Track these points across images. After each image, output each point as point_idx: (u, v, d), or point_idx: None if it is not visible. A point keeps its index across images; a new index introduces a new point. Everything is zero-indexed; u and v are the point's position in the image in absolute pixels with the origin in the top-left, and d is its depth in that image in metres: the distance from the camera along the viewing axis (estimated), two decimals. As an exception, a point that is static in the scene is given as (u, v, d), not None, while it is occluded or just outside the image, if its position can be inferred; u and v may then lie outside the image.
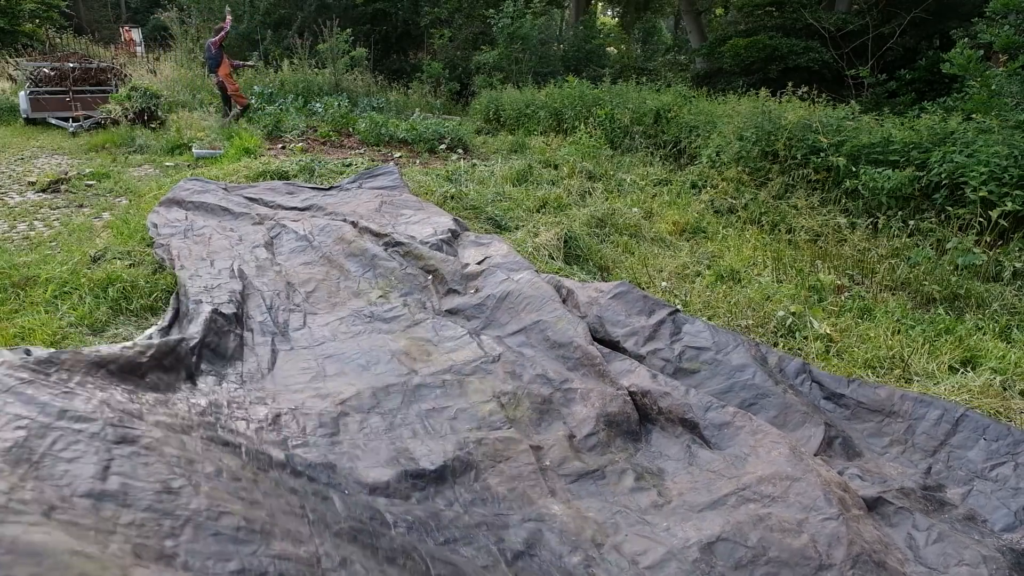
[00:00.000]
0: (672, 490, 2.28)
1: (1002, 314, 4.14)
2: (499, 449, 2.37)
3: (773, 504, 2.09)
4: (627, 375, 2.97)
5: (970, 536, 2.11)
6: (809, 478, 2.14)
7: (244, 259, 4.21)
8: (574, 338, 3.18)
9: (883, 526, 2.10)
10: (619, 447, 2.52)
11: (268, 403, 2.48)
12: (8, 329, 3.32)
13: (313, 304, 3.72)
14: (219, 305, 3.23)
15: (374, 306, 3.69)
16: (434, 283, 3.97)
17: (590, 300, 3.69)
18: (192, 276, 3.79)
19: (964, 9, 11.27)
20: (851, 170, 6.07)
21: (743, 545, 1.89)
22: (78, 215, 5.66)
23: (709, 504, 2.16)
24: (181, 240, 4.63)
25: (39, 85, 10.79)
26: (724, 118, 8.07)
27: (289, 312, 3.55)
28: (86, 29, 24.65)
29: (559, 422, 2.62)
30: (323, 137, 9.72)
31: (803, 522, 1.99)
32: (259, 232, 4.81)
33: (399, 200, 5.75)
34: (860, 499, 2.17)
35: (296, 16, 17.36)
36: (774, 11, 14.35)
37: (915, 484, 2.35)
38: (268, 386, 2.73)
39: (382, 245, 4.46)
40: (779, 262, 4.95)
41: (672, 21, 27.98)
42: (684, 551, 1.87)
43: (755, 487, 2.19)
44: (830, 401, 3.01)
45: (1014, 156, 5.10)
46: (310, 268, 4.24)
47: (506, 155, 9.27)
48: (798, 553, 1.87)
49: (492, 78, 14.64)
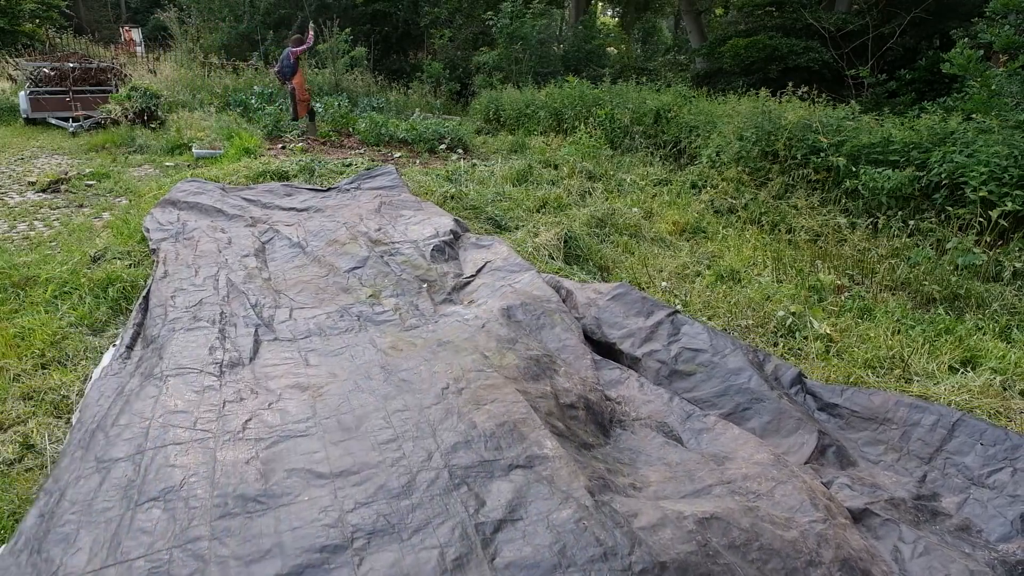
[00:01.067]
0: (650, 477, 2.25)
1: (1002, 314, 4.14)
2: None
3: (759, 500, 2.07)
4: (616, 386, 2.97)
5: (960, 549, 2.06)
6: (794, 482, 2.13)
7: (233, 268, 4.11)
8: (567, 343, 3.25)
9: (869, 538, 2.06)
10: (593, 432, 2.54)
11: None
12: (8, 329, 3.31)
13: (301, 307, 3.70)
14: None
15: (363, 305, 3.66)
16: (429, 292, 3.93)
17: (588, 301, 3.68)
18: (175, 292, 3.69)
19: (964, 9, 11.27)
20: (851, 170, 6.06)
21: (736, 527, 1.85)
22: (78, 215, 5.65)
23: (693, 492, 2.14)
24: (171, 244, 4.59)
25: (39, 85, 10.79)
26: (724, 118, 8.06)
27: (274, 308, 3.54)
28: (86, 29, 24.64)
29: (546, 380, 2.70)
30: (323, 137, 9.71)
31: (791, 520, 1.97)
32: (251, 238, 4.77)
33: (398, 200, 5.74)
34: (846, 510, 2.14)
35: (296, 16, 17.36)
36: (774, 11, 14.35)
37: (907, 493, 2.32)
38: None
39: (378, 252, 4.41)
40: (779, 262, 4.95)
41: (672, 21, 27.97)
42: (680, 520, 1.82)
43: (740, 482, 2.17)
44: (824, 412, 2.98)
45: (1014, 156, 5.09)
46: (301, 272, 4.21)
47: (506, 155, 9.27)
48: (789, 544, 1.85)
49: (492, 78, 14.64)
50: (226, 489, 1.93)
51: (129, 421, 2.27)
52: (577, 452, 2.23)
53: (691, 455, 2.40)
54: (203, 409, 2.38)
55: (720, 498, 2.06)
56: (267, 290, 3.78)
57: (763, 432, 2.67)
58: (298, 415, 2.35)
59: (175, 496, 1.91)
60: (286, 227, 5.02)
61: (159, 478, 1.98)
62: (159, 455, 2.09)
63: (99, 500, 1.91)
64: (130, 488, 1.95)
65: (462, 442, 2.10)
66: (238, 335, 3.09)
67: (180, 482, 1.96)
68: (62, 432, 2.58)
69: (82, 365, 3.08)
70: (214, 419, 2.32)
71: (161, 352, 2.86)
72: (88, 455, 2.12)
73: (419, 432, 2.18)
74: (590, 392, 2.72)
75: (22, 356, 3.11)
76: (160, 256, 4.32)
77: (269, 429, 2.26)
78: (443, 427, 2.19)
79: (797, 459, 2.44)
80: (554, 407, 2.45)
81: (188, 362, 2.73)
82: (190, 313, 3.36)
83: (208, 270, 4.05)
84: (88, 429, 2.30)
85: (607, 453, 2.41)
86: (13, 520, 2.09)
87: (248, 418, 2.33)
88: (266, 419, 2.33)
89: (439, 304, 3.77)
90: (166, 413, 2.33)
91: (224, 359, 2.81)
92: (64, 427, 2.62)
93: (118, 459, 2.08)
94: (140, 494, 1.92)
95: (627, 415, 2.73)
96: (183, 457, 2.09)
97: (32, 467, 2.39)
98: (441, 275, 4.12)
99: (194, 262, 4.19)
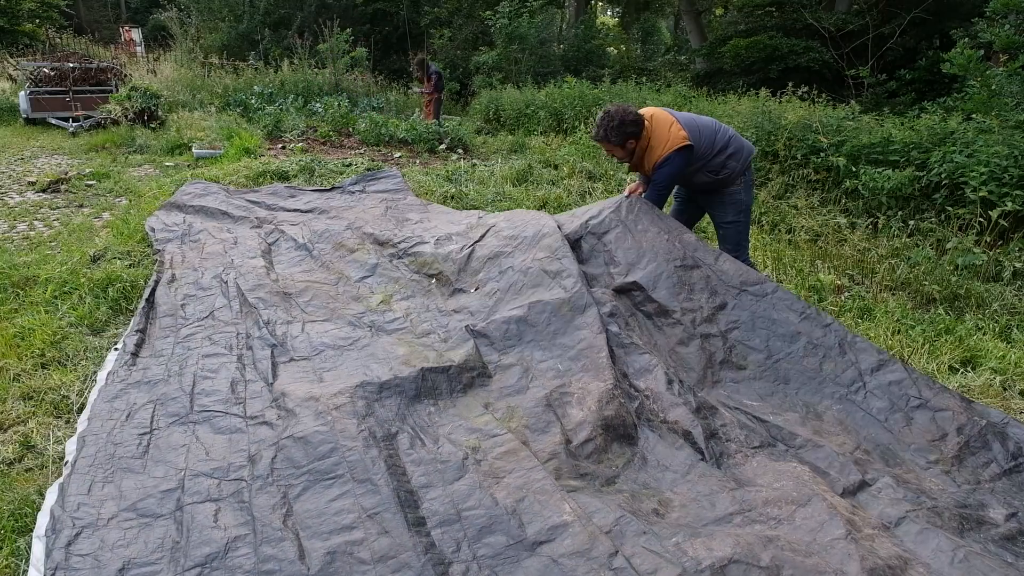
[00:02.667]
0: (673, 501, 2.24)
1: (1002, 314, 4.14)
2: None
3: (780, 526, 2.06)
4: (644, 375, 2.86)
5: (1002, 559, 2.03)
6: (815, 503, 2.10)
7: (240, 271, 4.09)
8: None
9: (906, 544, 2.04)
10: (616, 453, 2.50)
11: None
12: (8, 329, 3.32)
13: (310, 313, 3.67)
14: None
15: (375, 314, 3.61)
16: (438, 286, 3.90)
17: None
18: (185, 300, 3.67)
19: (964, 9, 11.27)
20: (851, 170, 6.06)
21: (756, 567, 1.84)
22: (78, 215, 5.66)
23: (714, 520, 2.12)
24: (177, 246, 4.60)
25: (39, 85, 10.79)
26: (724, 118, 8.06)
27: (288, 324, 3.47)
28: (86, 29, 24.64)
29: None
30: (323, 137, 9.71)
31: (812, 543, 1.96)
32: (257, 239, 4.77)
33: (404, 204, 5.72)
34: (877, 519, 2.12)
35: (296, 16, 17.37)
36: (774, 11, 14.36)
37: (952, 500, 2.26)
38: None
39: (387, 256, 4.38)
40: (779, 262, 4.95)
41: (672, 21, 27.98)
42: (698, 572, 1.82)
43: (761, 508, 2.15)
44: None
45: (1014, 156, 5.09)
46: (309, 275, 4.19)
47: (506, 155, 9.27)
48: (812, 569, 1.85)
49: (492, 78, 14.65)
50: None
51: (165, 473, 2.25)
52: (597, 493, 2.23)
53: (713, 480, 2.36)
54: (234, 453, 2.38)
55: (740, 529, 2.06)
56: (277, 297, 3.75)
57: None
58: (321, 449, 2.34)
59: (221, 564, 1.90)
60: (291, 227, 5.04)
61: (203, 540, 1.97)
62: (199, 512, 2.08)
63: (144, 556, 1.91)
64: (176, 551, 1.93)
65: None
66: (256, 359, 3.05)
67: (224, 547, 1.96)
68: (62, 432, 2.58)
69: (82, 365, 3.08)
70: (245, 464, 2.32)
71: (180, 381, 2.84)
72: (122, 504, 2.11)
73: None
74: (607, 404, 2.63)
75: (22, 356, 3.11)
76: (166, 258, 4.32)
77: (296, 468, 2.27)
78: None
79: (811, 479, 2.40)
80: (565, 462, 2.40)
81: (211, 403, 2.69)
82: (204, 330, 3.33)
83: (214, 271, 4.06)
84: (111, 467, 2.28)
85: (631, 476, 2.39)
86: (13, 520, 2.09)
87: (274, 456, 2.33)
88: (293, 455, 2.32)
89: (448, 298, 3.74)
90: (198, 462, 2.32)
91: (246, 394, 2.76)
92: (64, 427, 2.62)
93: (160, 515, 2.08)
94: (186, 558, 1.91)
95: (655, 414, 2.68)
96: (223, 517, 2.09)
97: (32, 467, 2.39)
98: (445, 259, 4.04)
99: (200, 265, 4.19)
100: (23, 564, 1.93)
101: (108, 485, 2.18)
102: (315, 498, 2.13)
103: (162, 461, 2.32)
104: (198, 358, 3.04)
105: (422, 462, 2.32)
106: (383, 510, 2.06)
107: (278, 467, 2.27)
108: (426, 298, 3.79)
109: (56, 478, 2.26)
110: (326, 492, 2.15)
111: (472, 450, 2.41)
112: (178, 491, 2.16)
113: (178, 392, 2.75)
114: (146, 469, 2.27)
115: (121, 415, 2.58)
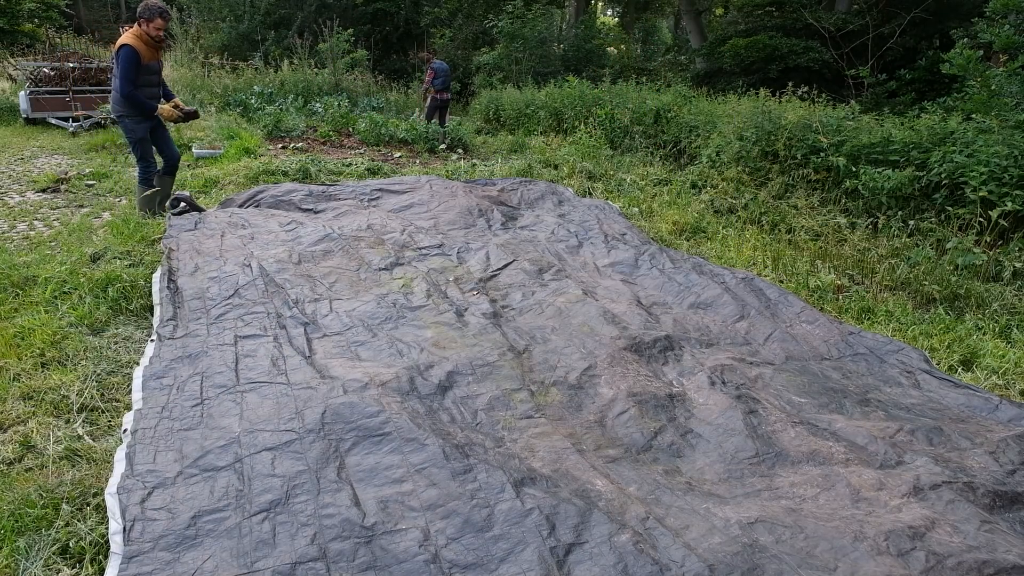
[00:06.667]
0: (705, 475, 2.42)
1: (1002, 314, 4.14)
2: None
3: (804, 503, 2.21)
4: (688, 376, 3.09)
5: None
6: (838, 487, 2.24)
7: (262, 258, 4.18)
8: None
9: (936, 508, 2.13)
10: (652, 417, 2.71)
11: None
12: (8, 329, 3.32)
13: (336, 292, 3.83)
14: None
15: (398, 295, 3.78)
16: (456, 283, 4.07)
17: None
18: (209, 284, 3.76)
19: (964, 9, 11.28)
20: (851, 170, 6.06)
21: (781, 524, 2.01)
22: (78, 215, 5.66)
23: (744, 494, 2.27)
24: (191, 235, 4.60)
25: (39, 85, 10.78)
26: (724, 118, 8.06)
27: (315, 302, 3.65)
28: (86, 29, 24.62)
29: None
30: (323, 137, 9.72)
31: (834, 513, 2.11)
32: (277, 228, 4.85)
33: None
34: (908, 486, 2.20)
35: (296, 16, 17.35)
36: (774, 11, 14.37)
37: (991, 478, 2.30)
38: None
39: (408, 258, 4.50)
40: (779, 262, 4.95)
41: (672, 21, 27.99)
42: (727, 527, 1.98)
43: (787, 489, 2.29)
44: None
45: (1014, 156, 5.09)
46: (329, 260, 4.32)
47: (506, 155, 9.27)
48: (833, 528, 1.99)
49: (492, 78, 14.65)
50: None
51: (220, 435, 2.41)
52: (633, 463, 2.41)
53: (747, 448, 2.51)
54: (283, 411, 2.54)
55: (767, 501, 2.20)
56: (300, 278, 3.89)
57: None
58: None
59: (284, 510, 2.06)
60: (312, 220, 5.13)
61: (264, 488, 2.14)
62: (257, 462, 2.26)
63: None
64: (240, 498, 2.10)
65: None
66: (291, 336, 3.21)
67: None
68: (62, 432, 2.58)
69: (82, 365, 3.08)
70: (294, 417, 2.50)
71: (223, 356, 3.00)
72: (184, 463, 2.27)
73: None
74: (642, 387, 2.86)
75: (22, 356, 3.11)
76: (181, 246, 4.35)
77: (345, 423, 2.42)
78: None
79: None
80: (600, 436, 2.61)
81: (255, 375, 2.84)
82: (233, 310, 3.47)
83: (237, 257, 4.14)
84: (169, 435, 2.44)
85: (666, 444, 2.56)
86: (13, 520, 2.09)
87: (323, 411, 2.48)
88: (342, 412, 2.47)
89: (467, 293, 3.93)
90: (250, 423, 2.48)
91: (286, 367, 2.91)
92: (64, 427, 2.62)
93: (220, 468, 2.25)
94: (251, 504, 2.07)
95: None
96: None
97: (32, 467, 2.39)
98: (467, 271, 4.28)
99: (221, 255, 4.24)
100: (24, 563, 1.93)
101: (170, 451, 2.33)
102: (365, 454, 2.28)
103: (216, 427, 2.47)
104: (233, 339, 3.18)
105: (466, 427, 2.56)
106: (431, 465, 2.22)
107: (328, 421, 2.42)
108: (446, 288, 3.96)
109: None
110: (376, 448, 2.30)
111: (507, 430, 2.61)
112: (235, 445, 2.33)
113: (222, 367, 2.90)
114: (202, 432, 2.44)
115: (171, 389, 2.74)
